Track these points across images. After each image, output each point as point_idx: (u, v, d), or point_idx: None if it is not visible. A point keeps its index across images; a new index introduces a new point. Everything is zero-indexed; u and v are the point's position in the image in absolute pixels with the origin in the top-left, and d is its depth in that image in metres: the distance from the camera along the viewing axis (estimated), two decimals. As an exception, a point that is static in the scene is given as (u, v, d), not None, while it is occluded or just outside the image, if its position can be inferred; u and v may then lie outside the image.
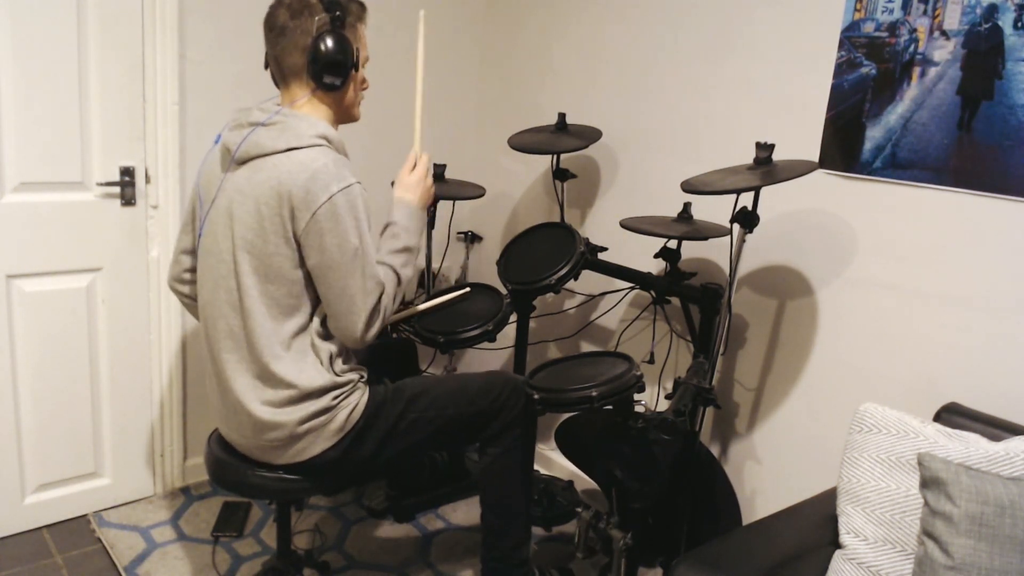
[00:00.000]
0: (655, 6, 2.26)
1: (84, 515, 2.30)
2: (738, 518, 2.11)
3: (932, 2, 1.69)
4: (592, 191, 2.54)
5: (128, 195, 2.16)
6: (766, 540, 1.46)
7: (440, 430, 1.73)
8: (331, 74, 1.54)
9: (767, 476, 2.12)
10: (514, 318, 2.21)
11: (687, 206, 2.03)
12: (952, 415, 1.58)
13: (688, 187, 1.73)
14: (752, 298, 2.11)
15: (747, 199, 1.75)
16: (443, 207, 2.64)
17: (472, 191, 2.45)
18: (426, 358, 2.74)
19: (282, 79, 1.60)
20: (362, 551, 2.23)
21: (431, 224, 2.44)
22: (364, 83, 1.67)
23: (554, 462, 2.67)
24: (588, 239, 2.08)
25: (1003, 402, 1.63)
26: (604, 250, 2.14)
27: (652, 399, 2.40)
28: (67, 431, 2.22)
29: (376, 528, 2.35)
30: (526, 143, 2.33)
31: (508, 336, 2.41)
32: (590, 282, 2.44)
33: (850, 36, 1.83)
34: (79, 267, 2.14)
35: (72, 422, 2.22)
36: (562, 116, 2.35)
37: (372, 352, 1.64)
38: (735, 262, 1.77)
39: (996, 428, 1.51)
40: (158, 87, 2.14)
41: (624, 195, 2.44)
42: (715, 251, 2.18)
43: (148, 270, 2.25)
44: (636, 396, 1.67)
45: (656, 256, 2.06)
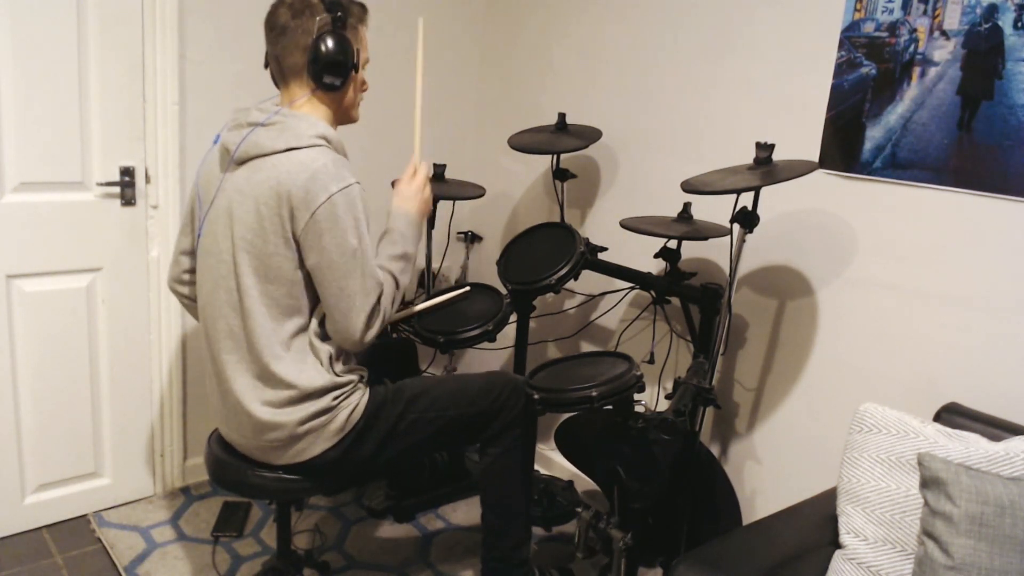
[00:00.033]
0: (655, 6, 2.26)
1: (84, 515, 2.30)
2: (738, 518, 2.11)
3: (932, 2, 1.69)
4: (592, 191, 2.54)
5: (128, 195, 2.16)
6: (766, 540, 1.46)
7: (440, 430, 1.73)
8: (331, 74, 1.54)
9: (767, 476, 2.12)
10: (514, 318, 2.21)
11: (687, 206, 2.03)
12: (952, 415, 1.58)
13: (688, 187, 1.73)
14: (752, 298, 2.11)
15: (747, 199, 1.75)
16: (443, 207, 2.64)
17: (472, 191, 2.45)
18: (426, 358, 2.74)
19: (282, 79, 1.60)
20: (362, 551, 2.23)
21: (431, 224, 2.44)
22: (364, 85, 1.67)
23: (554, 462, 2.67)
24: (588, 239, 2.09)
25: (1003, 402, 1.63)
26: (604, 250, 2.14)
27: (652, 399, 2.40)
28: (67, 431, 2.22)
29: (376, 528, 2.35)
30: (526, 143, 2.33)
31: (508, 336, 2.41)
32: (590, 282, 2.44)
33: (850, 36, 1.83)
34: (79, 267, 2.14)
35: (72, 422, 2.22)
36: (562, 116, 2.35)
37: (372, 352, 1.64)
38: (735, 262, 1.77)
39: (996, 428, 1.51)
40: (158, 87, 2.14)
41: (624, 195, 2.44)
42: (715, 251, 2.18)
43: (148, 270, 2.26)
44: (636, 396, 1.67)
45: (656, 256, 2.06)
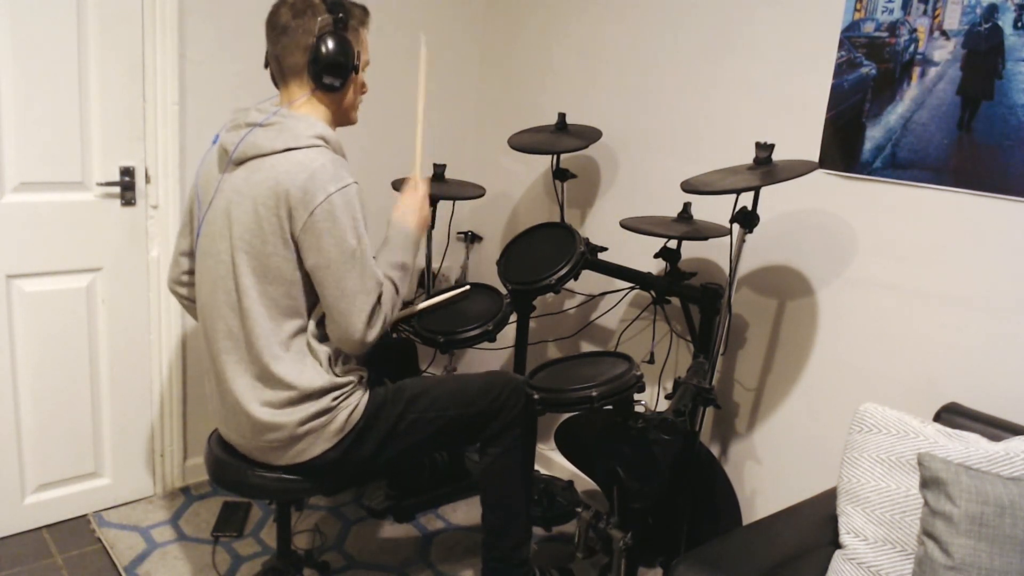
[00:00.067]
0: (655, 6, 2.26)
1: (84, 515, 2.30)
2: (738, 518, 2.11)
3: (932, 2, 1.69)
4: (592, 191, 2.54)
5: (128, 195, 2.16)
6: (766, 540, 1.46)
7: (440, 431, 1.73)
8: (331, 75, 1.54)
9: (767, 476, 2.12)
10: (514, 318, 2.21)
11: (687, 206, 2.03)
12: (952, 415, 1.58)
13: (688, 187, 1.73)
14: (752, 298, 2.11)
15: (747, 199, 1.75)
16: (443, 207, 2.64)
17: (472, 191, 2.45)
18: (426, 358, 2.74)
19: (282, 78, 1.60)
20: (362, 551, 2.23)
21: (431, 224, 2.44)
22: (364, 87, 1.67)
23: (554, 462, 2.67)
24: (588, 239, 2.09)
25: (1003, 402, 1.63)
26: (604, 250, 2.14)
27: (652, 399, 2.40)
28: (67, 431, 2.22)
29: (376, 528, 2.35)
30: (526, 143, 2.33)
31: (508, 336, 2.41)
32: (590, 282, 2.44)
33: (850, 36, 1.83)
34: (79, 267, 2.14)
35: (72, 422, 2.22)
36: (562, 116, 2.35)
37: (372, 352, 1.64)
38: (735, 262, 1.77)
39: (996, 428, 1.51)
40: (158, 87, 2.14)
41: (624, 195, 2.44)
42: (715, 251, 2.18)
43: (148, 270, 2.25)
44: (636, 396, 1.67)
45: (656, 256, 2.06)
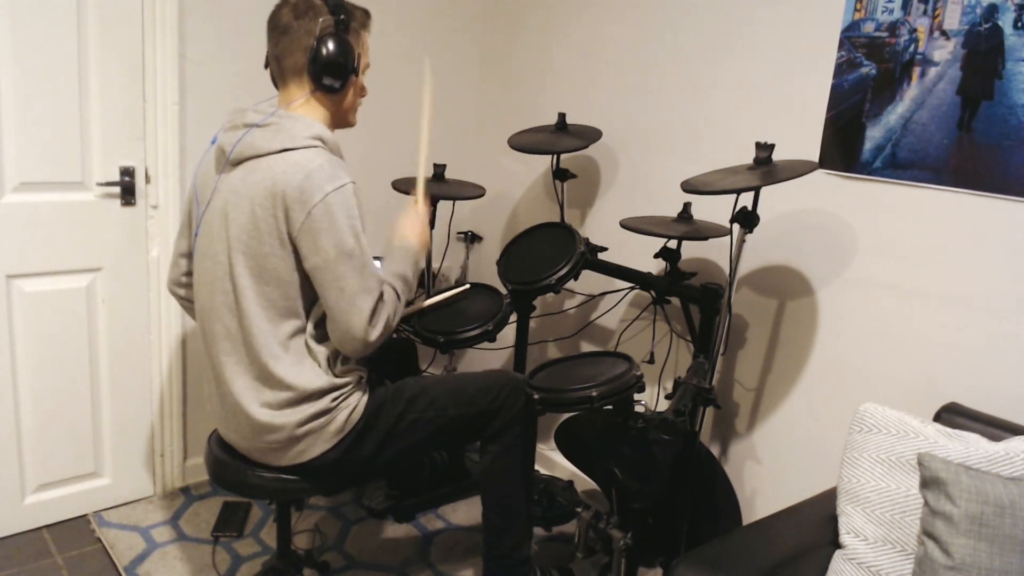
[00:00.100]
0: (655, 6, 2.26)
1: (84, 515, 2.30)
2: (738, 518, 2.11)
3: (932, 2, 1.69)
4: (592, 191, 2.54)
5: (128, 195, 2.16)
6: (766, 540, 1.46)
7: (440, 430, 1.73)
8: (330, 76, 1.54)
9: (767, 476, 2.12)
10: (514, 318, 2.21)
11: (687, 206, 2.03)
12: (952, 415, 1.58)
13: (688, 187, 1.73)
14: (752, 298, 2.11)
15: (747, 199, 1.75)
16: (443, 207, 2.64)
17: (472, 191, 2.45)
18: (426, 358, 2.74)
19: (281, 78, 1.60)
20: (362, 551, 2.23)
21: (431, 225, 2.44)
22: (363, 90, 1.67)
23: (554, 462, 2.67)
24: (588, 239, 2.09)
25: (1003, 402, 1.63)
26: (604, 250, 2.14)
27: (652, 399, 2.40)
28: (67, 431, 2.22)
29: (376, 528, 2.35)
30: (526, 143, 2.33)
31: (508, 336, 2.41)
32: (590, 282, 2.44)
33: (850, 36, 1.83)
34: (79, 267, 2.14)
35: (72, 422, 2.22)
36: (562, 116, 2.35)
37: (372, 353, 1.64)
38: (735, 262, 1.77)
39: (996, 428, 1.51)
40: (158, 87, 2.14)
41: (624, 195, 2.44)
42: (715, 251, 2.18)
43: (148, 270, 2.25)
44: (636, 396, 1.66)
45: (656, 256, 2.06)
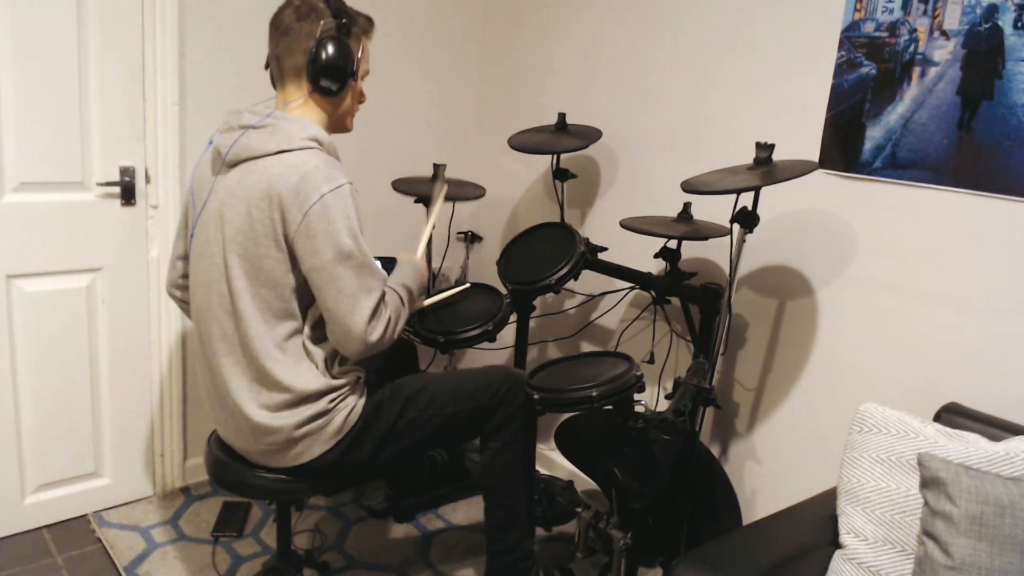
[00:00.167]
0: (655, 6, 2.26)
1: (84, 515, 2.30)
2: (738, 518, 2.11)
3: (932, 2, 1.69)
4: (592, 191, 2.54)
5: (128, 195, 2.16)
6: (766, 540, 1.46)
7: (439, 428, 1.73)
8: (328, 78, 1.54)
9: (767, 476, 2.12)
10: (514, 318, 2.21)
11: (687, 206, 2.03)
12: (952, 415, 1.58)
13: (688, 187, 1.73)
14: (752, 298, 2.11)
15: (747, 199, 1.75)
16: (443, 207, 2.63)
17: (472, 191, 2.45)
18: (426, 358, 2.75)
19: (280, 79, 1.60)
20: (362, 551, 2.23)
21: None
22: (362, 96, 1.67)
23: (554, 462, 2.67)
24: (588, 239, 2.08)
25: (1003, 402, 1.63)
26: (604, 250, 2.14)
27: (652, 399, 2.40)
28: (67, 431, 2.22)
29: (376, 528, 2.35)
30: (526, 143, 2.33)
31: (508, 336, 2.41)
32: (590, 282, 2.44)
33: (850, 36, 1.83)
34: (79, 267, 2.14)
35: (72, 422, 2.22)
36: (562, 116, 2.35)
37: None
38: (735, 262, 1.77)
39: (996, 428, 1.51)
40: (158, 87, 2.14)
41: (624, 195, 2.44)
42: (715, 251, 2.18)
43: (148, 270, 2.25)
44: (636, 396, 1.66)
45: (656, 256, 2.06)
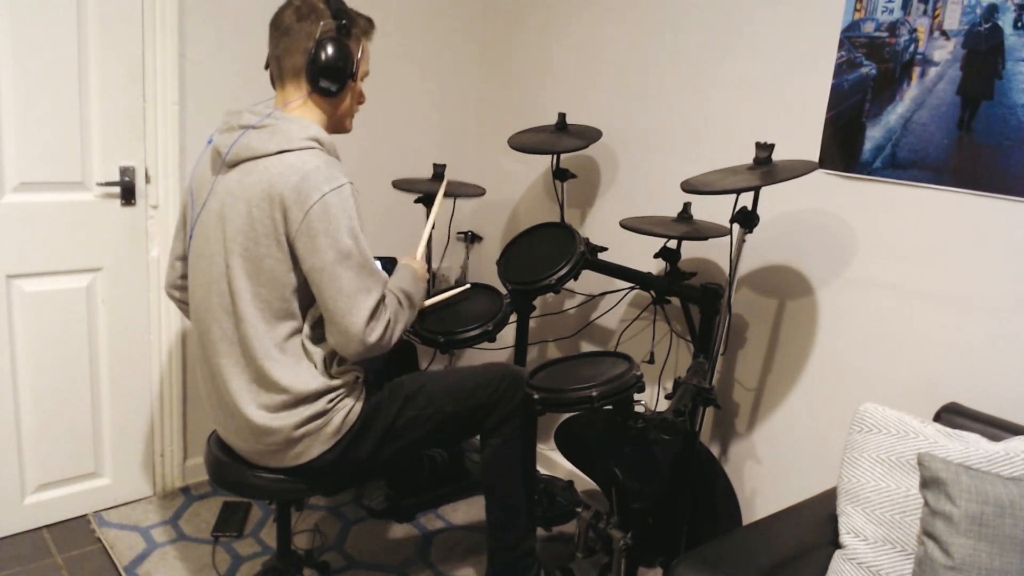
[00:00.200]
0: (655, 6, 2.26)
1: (84, 515, 2.30)
2: (738, 518, 2.11)
3: (932, 2, 1.69)
4: (592, 191, 2.54)
5: (128, 195, 2.16)
6: (766, 540, 1.46)
7: (438, 427, 1.73)
8: (328, 79, 1.54)
9: (767, 476, 2.12)
10: (514, 318, 2.21)
11: (687, 206, 2.03)
12: (952, 415, 1.58)
13: (688, 187, 1.73)
14: (752, 298, 2.11)
15: (747, 199, 1.75)
16: (443, 207, 2.63)
17: (472, 191, 2.45)
18: (426, 358, 2.75)
19: (280, 79, 1.60)
20: (362, 551, 2.23)
21: (432, 226, 2.44)
22: (361, 97, 1.67)
23: (554, 462, 2.67)
24: (588, 239, 2.08)
25: (1003, 402, 1.63)
26: (604, 250, 2.14)
27: (652, 399, 2.40)
28: (67, 431, 2.22)
29: (376, 528, 2.35)
30: (526, 143, 2.33)
31: (508, 336, 2.41)
32: (590, 282, 2.44)
33: (850, 36, 1.83)
34: (79, 267, 2.14)
35: (72, 422, 2.22)
36: (562, 116, 2.35)
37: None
38: (735, 262, 1.77)
39: (996, 428, 1.51)
40: (158, 87, 2.14)
41: (624, 195, 2.44)
42: (715, 251, 2.18)
43: (148, 270, 2.25)
44: (636, 396, 1.67)
45: (656, 256, 2.06)
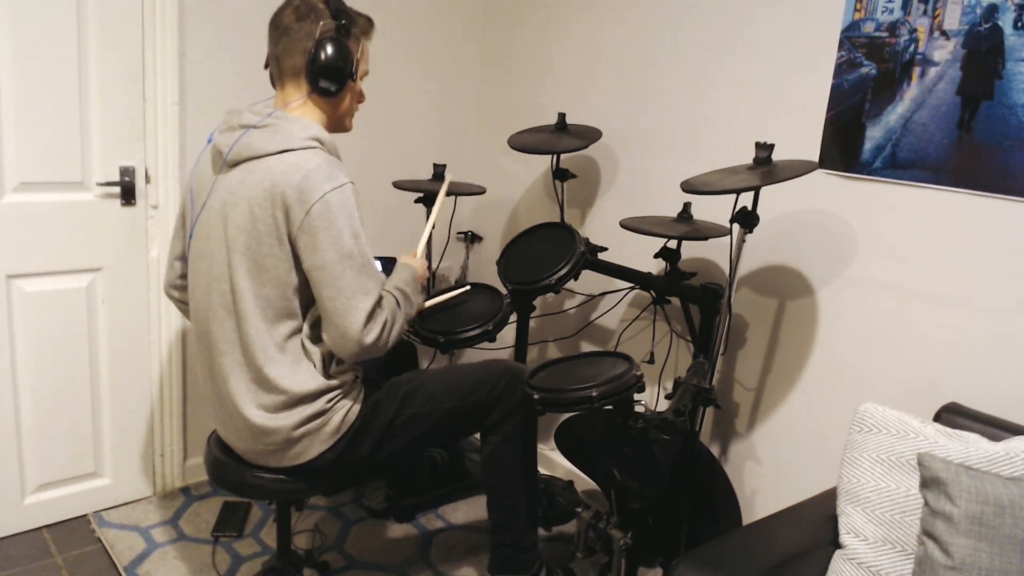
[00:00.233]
0: (655, 6, 2.26)
1: (84, 515, 2.30)
2: (738, 518, 2.11)
3: (932, 2, 1.69)
4: (592, 191, 2.54)
5: (128, 195, 2.16)
6: (766, 540, 1.46)
7: (437, 425, 1.73)
8: (327, 79, 1.54)
9: (767, 476, 2.12)
10: (514, 318, 2.21)
11: (687, 206, 2.03)
12: (952, 415, 1.58)
13: (688, 187, 1.73)
14: (752, 298, 2.11)
15: (747, 199, 1.75)
16: (444, 206, 2.63)
17: (472, 191, 2.45)
18: (426, 358, 2.75)
19: (279, 79, 1.60)
20: (362, 551, 2.23)
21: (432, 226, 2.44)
22: (361, 96, 1.67)
23: (554, 462, 2.67)
24: (588, 239, 2.08)
25: (1003, 402, 1.63)
26: (604, 250, 2.14)
27: (652, 399, 2.40)
28: (67, 431, 2.22)
29: (376, 528, 2.35)
30: (526, 143, 2.33)
31: (508, 336, 2.41)
32: (590, 282, 2.44)
33: (850, 36, 1.83)
34: (79, 267, 2.14)
35: (72, 422, 2.22)
36: (562, 116, 2.35)
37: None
38: (735, 262, 1.77)
39: (996, 428, 1.51)
40: (158, 87, 2.14)
41: (624, 195, 2.44)
42: (715, 251, 2.18)
43: (148, 270, 2.25)
44: (636, 396, 1.67)
45: (656, 256, 2.06)
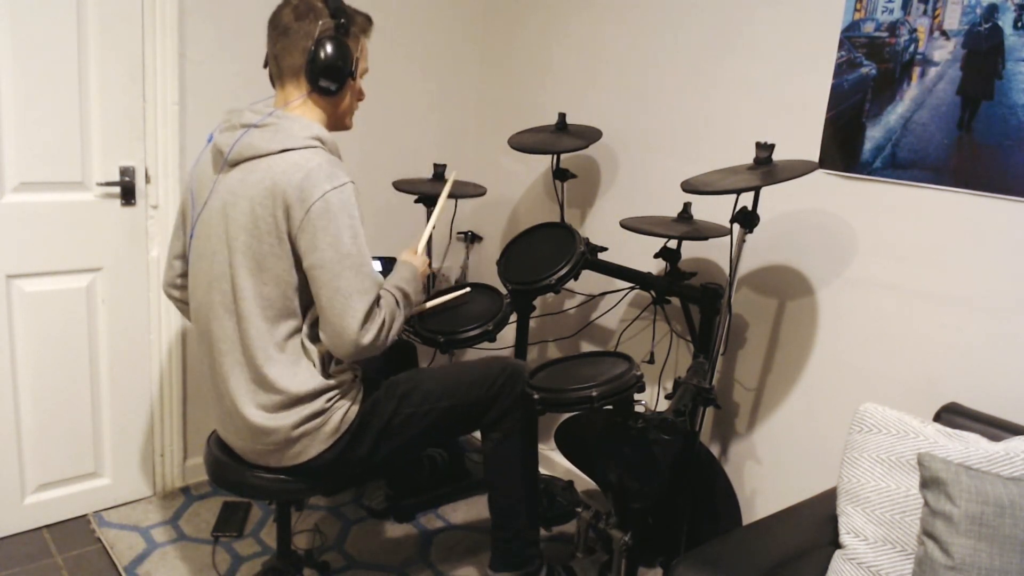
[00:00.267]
0: (655, 6, 2.26)
1: (84, 515, 2.30)
2: (738, 518, 2.11)
3: (932, 2, 1.69)
4: (592, 191, 2.54)
5: (128, 195, 2.16)
6: (766, 540, 1.46)
7: (435, 423, 1.73)
8: (327, 78, 1.54)
9: (767, 476, 2.12)
10: (514, 318, 2.21)
11: (687, 206, 2.03)
12: (952, 415, 1.58)
13: (688, 187, 1.73)
14: (752, 298, 2.11)
15: (747, 199, 1.75)
16: (446, 207, 2.63)
17: (472, 191, 2.45)
18: (426, 358, 2.75)
19: (279, 79, 1.60)
20: (362, 551, 2.23)
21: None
22: (361, 94, 1.67)
23: (554, 462, 2.67)
24: (588, 239, 2.09)
25: (1003, 402, 1.63)
26: (604, 250, 2.14)
27: (652, 399, 2.40)
28: (67, 431, 2.22)
29: (376, 528, 2.35)
30: (526, 143, 2.33)
31: (508, 336, 2.41)
32: (590, 282, 2.44)
33: (850, 36, 1.83)
34: (79, 267, 2.14)
35: (72, 422, 2.22)
36: (562, 116, 2.35)
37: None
38: (735, 262, 1.77)
39: (996, 428, 1.51)
40: (158, 87, 2.14)
41: (624, 195, 2.44)
42: (715, 251, 2.18)
43: (148, 270, 2.25)
44: (636, 396, 1.67)
45: (656, 256, 2.06)
